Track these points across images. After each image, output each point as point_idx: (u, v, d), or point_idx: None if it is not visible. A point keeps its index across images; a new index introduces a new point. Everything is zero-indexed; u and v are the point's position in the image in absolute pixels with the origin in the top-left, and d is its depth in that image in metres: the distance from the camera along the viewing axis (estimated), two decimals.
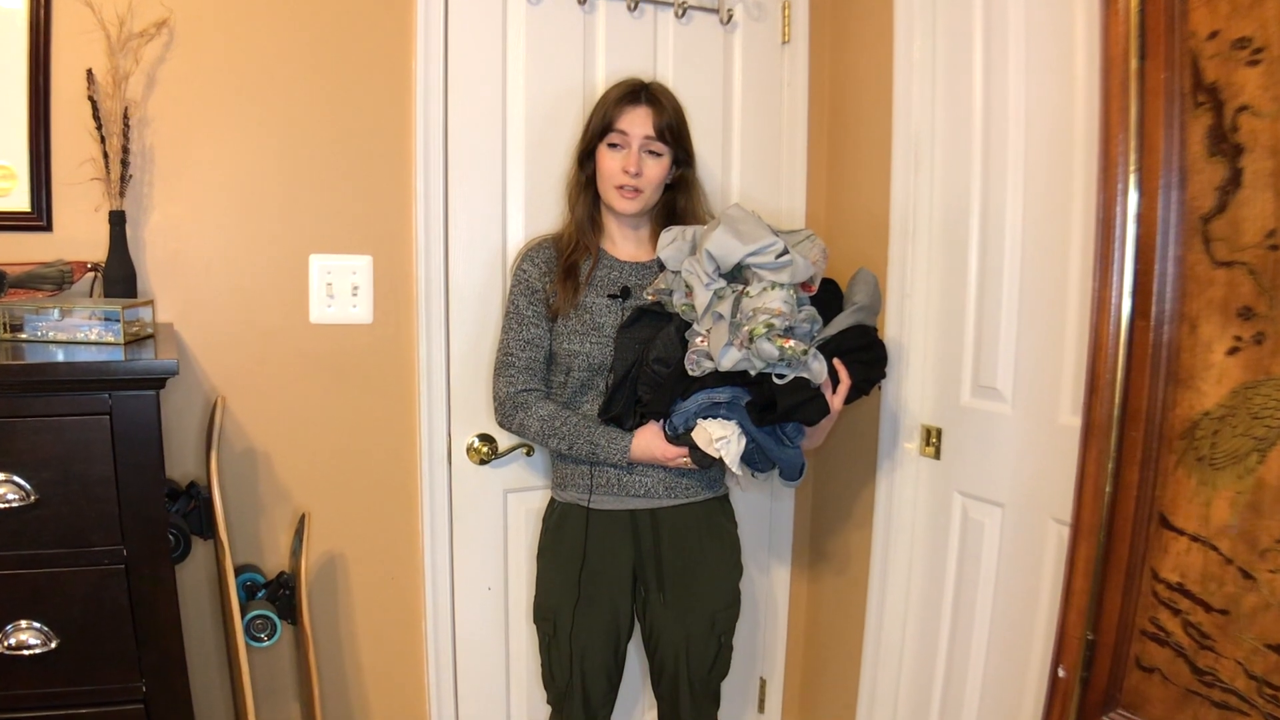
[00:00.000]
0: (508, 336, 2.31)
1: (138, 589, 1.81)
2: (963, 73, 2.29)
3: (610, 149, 2.25)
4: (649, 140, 2.23)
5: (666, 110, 2.24)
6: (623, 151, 2.24)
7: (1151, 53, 1.40)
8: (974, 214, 2.27)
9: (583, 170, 2.33)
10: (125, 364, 1.76)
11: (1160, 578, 1.43)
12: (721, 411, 2.06)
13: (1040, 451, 2.12)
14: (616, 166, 2.24)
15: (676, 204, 2.35)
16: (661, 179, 2.28)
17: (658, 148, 2.24)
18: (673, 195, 2.35)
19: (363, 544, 2.55)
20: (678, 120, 2.27)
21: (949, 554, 2.39)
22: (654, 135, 2.22)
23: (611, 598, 2.30)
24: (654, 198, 2.30)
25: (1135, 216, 1.42)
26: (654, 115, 2.23)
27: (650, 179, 2.25)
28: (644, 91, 2.25)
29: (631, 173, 2.22)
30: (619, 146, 2.24)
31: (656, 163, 2.25)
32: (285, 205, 2.37)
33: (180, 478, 2.31)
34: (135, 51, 2.16)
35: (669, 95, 2.29)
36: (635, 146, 2.23)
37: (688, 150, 2.31)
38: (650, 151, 2.24)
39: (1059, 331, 2.06)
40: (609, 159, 2.26)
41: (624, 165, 2.23)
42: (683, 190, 2.35)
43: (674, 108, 2.27)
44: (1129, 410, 1.45)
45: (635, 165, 2.22)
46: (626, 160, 2.23)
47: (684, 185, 2.35)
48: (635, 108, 2.24)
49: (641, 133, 2.22)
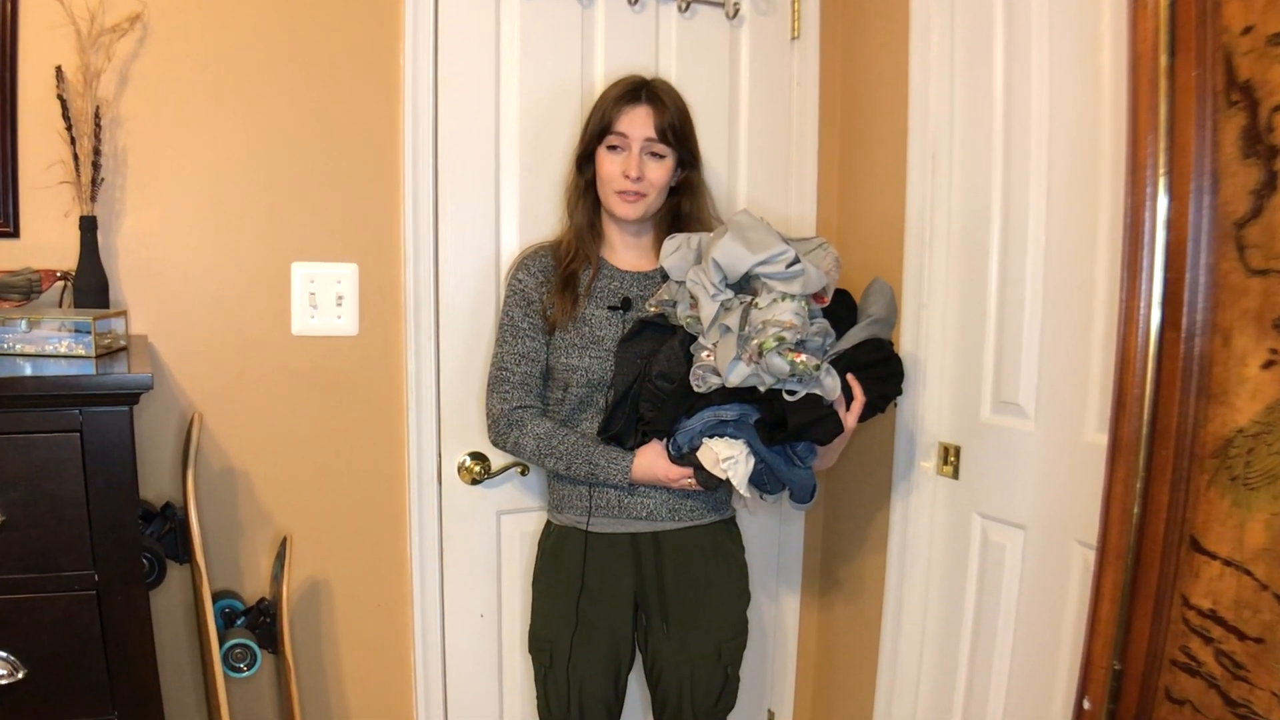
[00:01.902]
0: (502, 350, 2.31)
1: (110, 616, 1.80)
2: (982, 69, 2.31)
3: (610, 151, 2.26)
4: (650, 142, 2.22)
5: (669, 109, 2.24)
6: (623, 154, 2.24)
7: (1182, 49, 1.41)
8: (994, 219, 2.28)
9: (581, 175, 2.33)
10: (97, 378, 1.76)
11: (1191, 604, 1.44)
12: (729, 430, 2.06)
13: (1064, 470, 2.12)
14: (616, 170, 2.24)
15: (681, 209, 2.35)
16: (665, 182, 2.27)
17: (660, 149, 2.24)
18: (677, 200, 2.35)
19: (348, 569, 2.55)
20: (681, 119, 2.26)
21: (968, 579, 2.39)
22: (655, 136, 2.22)
23: (611, 626, 2.30)
24: (657, 202, 2.29)
25: (1165, 222, 1.43)
26: (655, 115, 2.22)
27: (653, 182, 2.25)
28: (644, 89, 2.25)
29: (632, 176, 2.22)
30: (619, 149, 2.24)
31: (659, 165, 2.25)
32: (266, 210, 2.38)
33: (155, 498, 2.31)
34: (107, 47, 2.16)
35: (672, 93, 2.29)
36: (636, 149, 2.22)
37: (693, 151, 2.31)
38: (652, 154, 2.24)
39: (1084, 344, 2.06)
40: (608, 162, 2.26)
41: (624, 169, 2.23)
42: (688, 194, 2.35)
43: (677, 106, 2.27)
44: (1158, 427, 1.45)
45: (636, 169, 2.22)
46: (627, 163, 2.23)
47: (689, 189, 2.35)
48: (635, 107, 2.23)
49: (642, 134, 2.22)
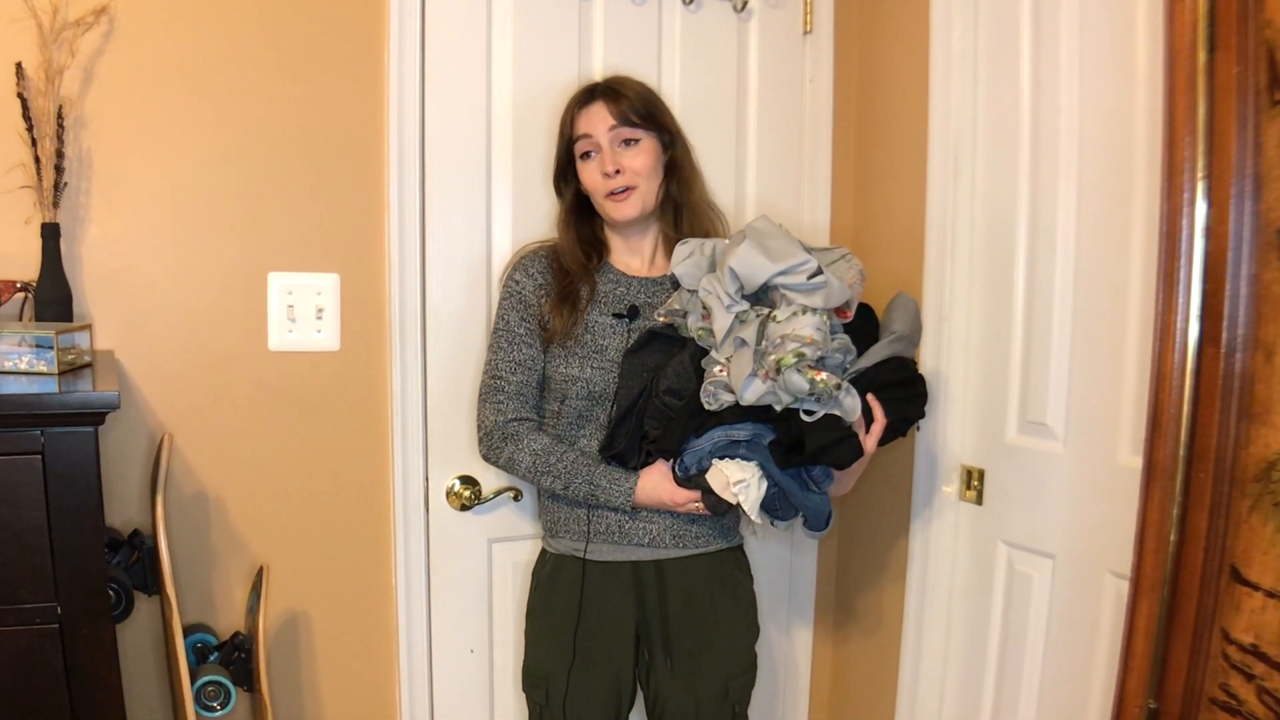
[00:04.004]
0: (496, 357, 2.31)
1: (74, 651, 1.80)
2: (1008, 67, 2.31)
3: (585, 161, 2.27)
4: (615, 130, 2.23)
5: (626, 95, 2.25)
6: (596, 156, 2.25)
7: (1222, 44, 1.41)
8: (1021, 227, 2.29)
9: (561, 197, 2.37)
10: (59, 397, 1.77)
11: (1232, 639, 1.43)
12: (741, 451, 2.05)
13: (1096, 496, 2.12)
14: (596, 174, 2.25)
15: (669, 193, 2.33)
16: (652, 168, 2.27)
17: (630, 134, 2.24)
18: (667, 185, 2.34)
19: (328, 601, 2.55)
20: (643, 100, 2.27)
21: (993, 612, 2.38)
22: (617, 122, 2.23)
23: (611, 661, 2.30)
24: (651, 191, 2.28)
25: (1203, 230, 1.43)
26: (610, 105, 2.24)
27: (636, 170, 2.24)
28: (597, 88, 2.28)
29: (610, 171, 2.22)
30: (590, 154, 2.26)
31: (637, 150, 2.25)
32: (240, 217, 2.38)
33: (122, 525, 2.31)
34: (71, 42, 2.17)
35: (627, 81, 2.31)
36: (605, 143, 2.23)
37: (669, 128, 2.31)
38: (625, 141, 2.25)
39: (1117, 360, 2.06)
40: (587, 172, 2.27)
41: (601, 169, 2.24)
42: (671, 175, 2.33)
43: (636, 92, 2.28)
44: (1196, 449, 1.45)
45: (611, 162, 2.22)
46: (602, 162, 2.24)
47: (673, 170, 2.33)
48: (590, 106, 2.26)
49: (604, 125, 2.23)
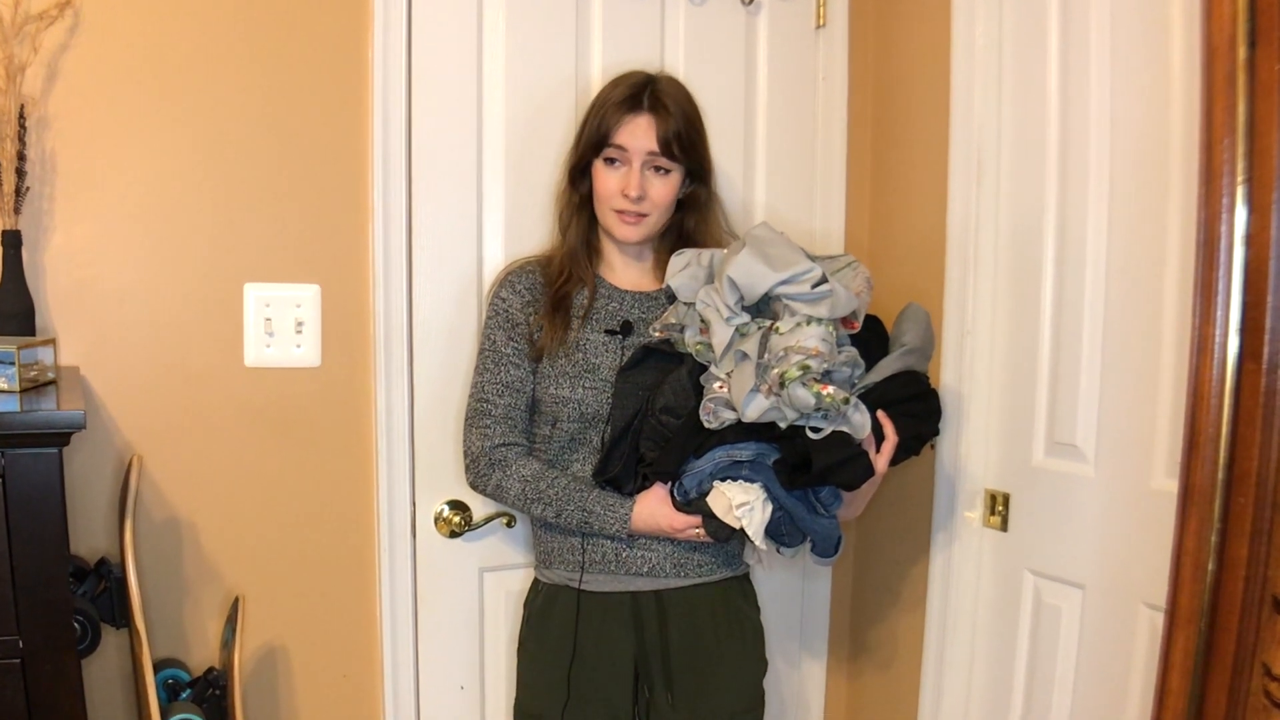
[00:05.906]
0: (483, 379, 2.30)
1: (36, 687, 1.80)
2: (1035, 62, 2.31)
3: (607, 165, 2.24)
4: (653, 156, 2.20)
5: (674, 116, 2.20)
6: (621, 169, 2.22)
7: (1264, 39, 1.40)
8: (1048, 235, 2.29)
9: (576, 189, 2.32)
10: (20, 416, 1.76)
11: (1274, 675, 1.43)
12: (744, 472, 2.04)
13: (1129, 522, 2.11)
14: (614, 187, 2.22)
15: (685, 226, 2.33)
16: (671, 200, 2.26)
17: (664, 163, 2.21)
18: (681, 216, 2.33)
19: (309, 634, 2.54)
20: (689, 127, 2.23)
21: (1018, 645, 2.38)
22: (658, 150, 2.19)
23: (608, 698, 2.29)
24: (660, 221, 2.28)
25: (1244, 237, 1.43)
26: (658, 124, 2.19)
27: (656, 202, 2.23)
28: (647, 93, 2.22)
29: (632, 196, 2.20)
30: (617, 163, 2.23)
31: (663, 181, 2.23)
32: (215, 224, 2.38)
33: (88, 553, 2.30)
34: (33, 37, 2.17)
35: (679, 94, 2.26)
36: (637, 164, 2.20)
37: (703, 163, 2.29)
38: (656, 168, 2.22)
39: (1152, 377, 2.06)
40: (605, 178, 2.24)
41: (623, 186, 2.21)
42: (693, 210, 2.32)
43: (685, 112, 2.24)
44: (1236, 472, 1.44)
45: (637, 187, 2.20)
46: (626, 181, 2.21)
47: (694, 204, 2.32)
48: (636, 116, 2.21)
49: (644, 147, 2.19)
